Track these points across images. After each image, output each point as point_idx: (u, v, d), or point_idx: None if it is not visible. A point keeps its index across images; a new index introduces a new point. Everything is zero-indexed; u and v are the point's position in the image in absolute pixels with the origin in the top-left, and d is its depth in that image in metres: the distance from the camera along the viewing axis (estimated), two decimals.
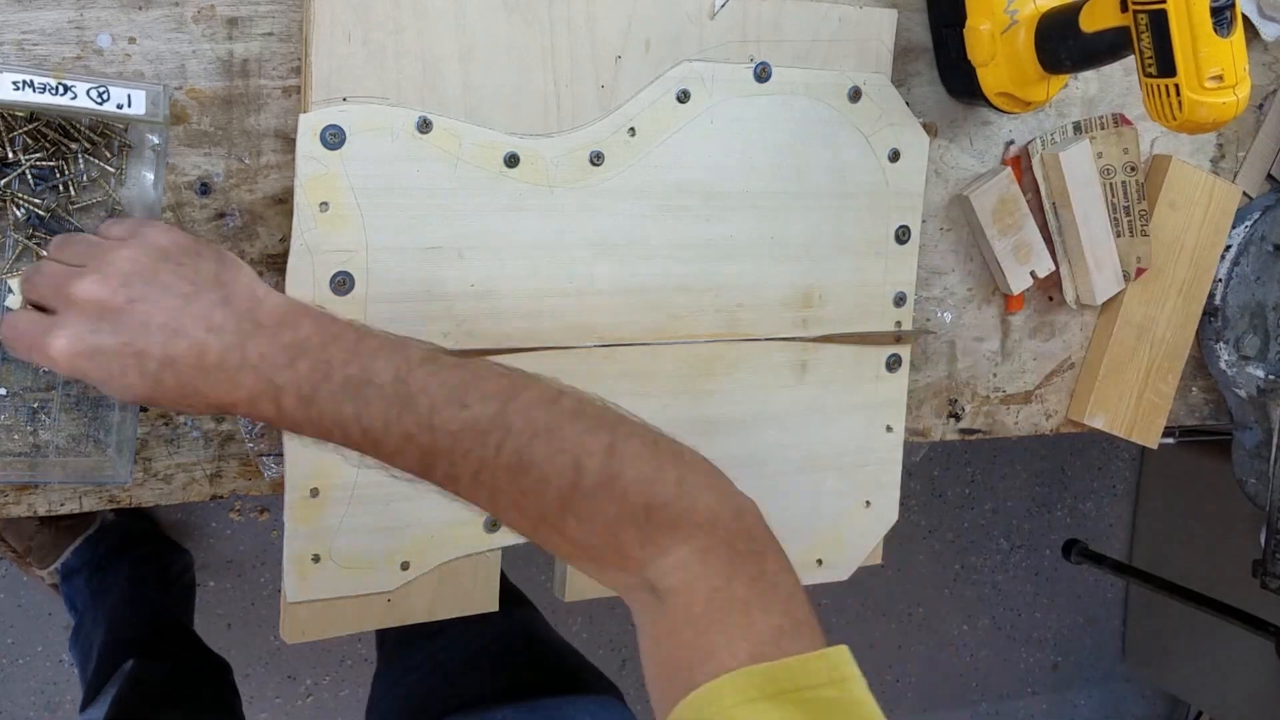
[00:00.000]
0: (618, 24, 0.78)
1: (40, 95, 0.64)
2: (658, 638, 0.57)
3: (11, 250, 0.69)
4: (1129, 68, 1.00)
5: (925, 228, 0.94)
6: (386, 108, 0.73)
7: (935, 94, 0.93)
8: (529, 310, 0.79)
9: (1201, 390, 1.13)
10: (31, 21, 0.67)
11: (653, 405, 0.84)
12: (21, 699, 1.58)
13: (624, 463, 0.57)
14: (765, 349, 0.88)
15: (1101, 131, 0.98)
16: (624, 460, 0.57)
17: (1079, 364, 1.05)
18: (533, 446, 0.56)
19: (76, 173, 0.70)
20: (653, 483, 0.57)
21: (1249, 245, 1.06)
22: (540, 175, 0.78)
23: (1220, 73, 0.71)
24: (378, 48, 0.72)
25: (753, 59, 0.83)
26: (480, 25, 0.74)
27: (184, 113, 0.71)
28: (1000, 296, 1.00)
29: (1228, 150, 1.07)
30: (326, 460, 0.76)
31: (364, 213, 0.74)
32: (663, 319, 0.84)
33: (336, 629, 0.79)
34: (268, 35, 0.72)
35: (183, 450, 0.76)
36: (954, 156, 0.95)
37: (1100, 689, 2.51)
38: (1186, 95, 0.72)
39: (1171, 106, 0.73)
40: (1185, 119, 0.73)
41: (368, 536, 0.78)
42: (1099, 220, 0.97)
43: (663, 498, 0.57)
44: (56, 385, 0.71)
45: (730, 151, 0.83)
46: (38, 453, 0.71)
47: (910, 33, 0.91)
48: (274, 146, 0.74)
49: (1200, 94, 0.71)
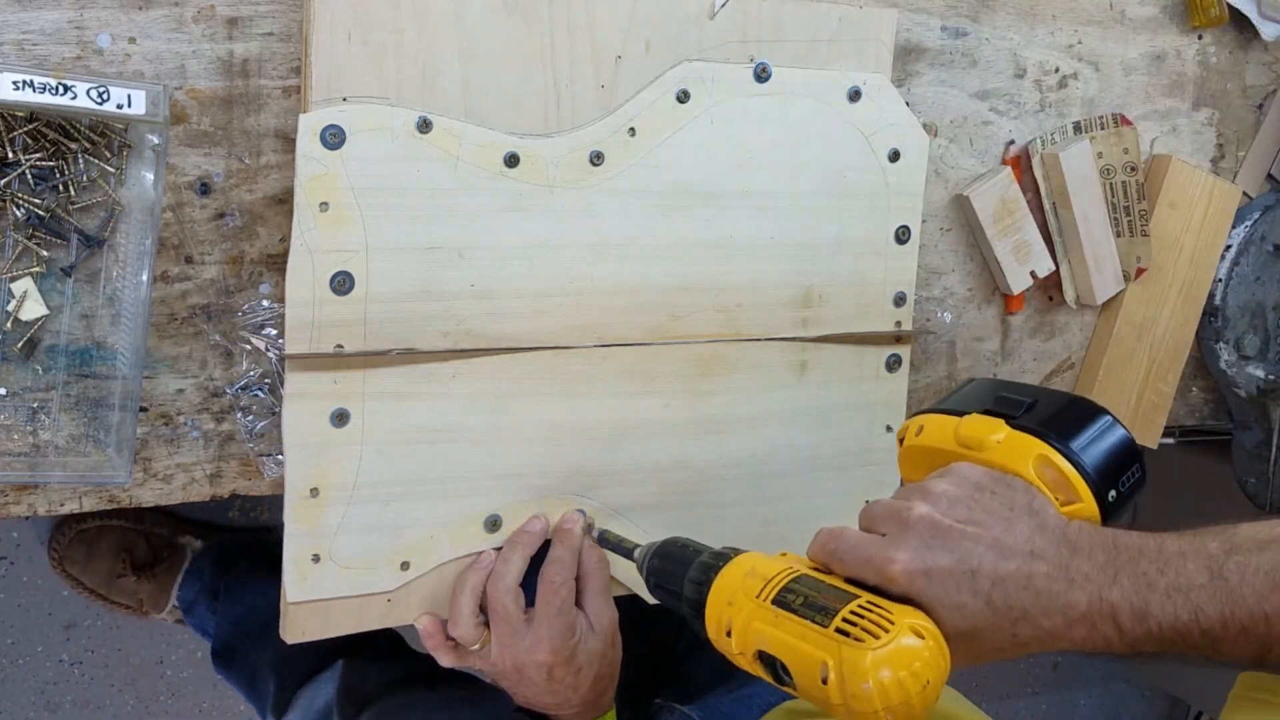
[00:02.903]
0: (618, 24, 0.78)
1: (40, 95, 0.64)
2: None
3: (11, 250, 0.69)
4: (1129, 67, 1.00)
5: (925, 228, 0.94)
6: (386, 108, 0.73)
7: (935, 94, 0.93)
8: (529, 310, 0.79)
9: (1201, 390, 1.13)
10: (31, 21, 0.67)
11: (653, 405, 0.84)
12: (21, 699, 1.58)
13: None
14: (765, 349, 0.88)
15: (1101, 131, 0.98)
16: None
17: (1079, 364, 1.05)
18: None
19: (76, 173, 0.70)
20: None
21: (1249, 245, 1.06)
22: (540, 175, 0.78)
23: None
24: (378, 48, 0.72)
25: (753, 59, 0.83)
26: (480, 25, 0.74)
27: (184, 113, 0.71)
28: (1000, 296, 1.00)
29: (1228, 150, 1.07)
30: (326, 460, 0.76)
31: (364, 213, 0.73)
32: (663, 319, 0.84)
33: (336, 629, 0.79)
34: (268, 35, 0.72)
35: (183, 450, 0.76)
36: (954, 156, 0.95)
37: (1100, 689, 2.51)
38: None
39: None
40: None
41: (368, 536, 0.78)
42: (1099, 220, 0.97)
43: None
44: (56, 385, 0.71)
45: (730, 151, 0.83)
46: (38, 453, 0.71)
47: (910, 33, 0.91)
48: (274, 146, 0.74)
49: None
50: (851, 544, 0.63)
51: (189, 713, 1.66)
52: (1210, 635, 0.58)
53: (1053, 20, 0.96)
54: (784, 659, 0.61)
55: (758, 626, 0.62)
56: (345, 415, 0.76)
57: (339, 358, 0.75)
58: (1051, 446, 0.64)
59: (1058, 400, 0.68)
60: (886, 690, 0.56)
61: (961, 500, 0.62)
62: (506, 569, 0.79)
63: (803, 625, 0.60)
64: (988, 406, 0.68)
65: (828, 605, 0.60)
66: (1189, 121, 1.04)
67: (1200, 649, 0.59)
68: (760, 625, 0.62)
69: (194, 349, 0.75)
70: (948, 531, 0.61)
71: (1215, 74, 1.04)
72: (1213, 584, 0.57)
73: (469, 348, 0.78)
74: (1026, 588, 0.59)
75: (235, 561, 1.49)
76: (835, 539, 0.64)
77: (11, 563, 1.54)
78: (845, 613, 0.59)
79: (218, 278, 0.74)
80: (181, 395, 0.75)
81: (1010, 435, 0.66)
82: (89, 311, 0.72)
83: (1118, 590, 0.58)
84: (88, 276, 0.71)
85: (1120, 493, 0.65)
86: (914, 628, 0.58)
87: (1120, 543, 0.60)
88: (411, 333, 0.76)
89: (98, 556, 1.50)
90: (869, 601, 0.59)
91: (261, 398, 0.77)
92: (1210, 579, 0.58)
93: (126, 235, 0.71)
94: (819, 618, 0.60)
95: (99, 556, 1.50)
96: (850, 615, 0.59)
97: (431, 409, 0.78)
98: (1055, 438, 0.65)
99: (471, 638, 0.79)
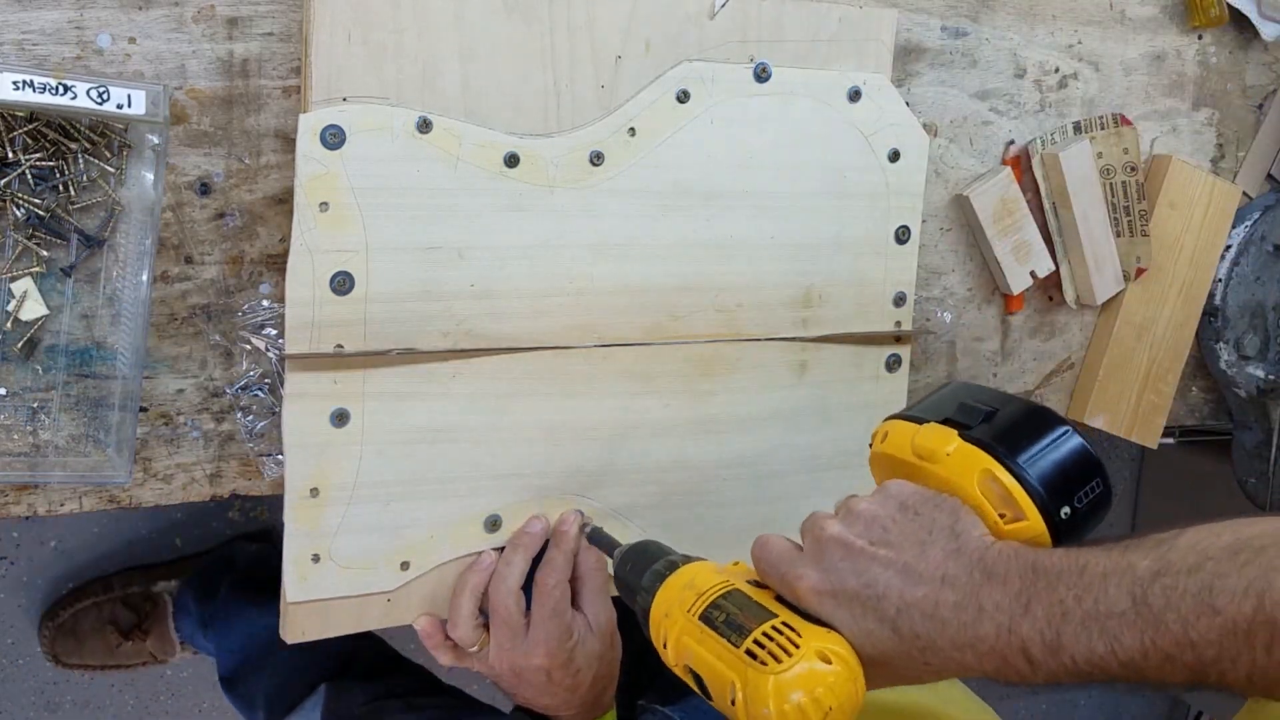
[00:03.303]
0: (618, 24, 0.78)
1: (40, 95, 0.64)
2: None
3: (11, 250, 0.69)
4: (1129, 67, 1.00)
5: (925, 228, 0.94)
6: (386, 108, 0.73)
7: (935, 94, 0.93)
8: (529, 310, 0.79)
9: (1201, 390, 1.13)
10: (31, 21, 0.67)
11: (653, 405, 0.84)
12: (21, 699, 1.58)
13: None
14: (765, 349, 0.88)
15: (1101, 131, 0.98)
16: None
17: (1079, 364, 1.05)
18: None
19: (76, 173, 0.70)
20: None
21: (1249, 245, 1.06)
22: (540, 175, 0.78)
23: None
24: (378, 48, 0.72)
25: (753, 59, 0.83)
26: (480, 25, 0.74)
27: (184, 113, 0.71)
28: (1000, 296, 1.00)
29: (1228, 150, 1.07)
30: (326, 460, 0.76)
31: (364, 213, 0.73)
32: (663, 319, 0.84)
33: (336, 629, 0.79)
34: (268, 35, 0.72)
35: (183, 450, 0.76)
36: (954, 156, 0.95)
37: (1100, 689, 2.51)
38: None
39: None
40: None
41: (368, 536, 0.78)
42: (1099, 220, 0.97)
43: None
44: (56, 385, 0.71)
45: (730, 151, 0.83)
46: (38, 453, 0.71)
47: (910, 33, 0.91)
48: (274, 146, 0.74)
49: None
50: (773, 556, 0.63)
51: (189, 713, 1.66)
52: (1131, 666, 0.54)
53: (1053, 20, 0.96)
54: (704, 676, 0.61)
55: (685, 641, 0.63)
56: (345, 415, 0.76)
57: (339, 358, 0.75)
58: (998, 461, 0.61)
59: (1017, 410, 0.65)
60: (786, 715, 0.56)
61: (880, 521, 0.61)
62: (509, 571, 0.79)
63: (719, 644, 0.60)
64: (948, 415, 0.66)
65: (744, 625, 0.59)
66: (1189, 121, 1.04)
67: (1124, 679, 0.55)
68: (688, 640, 0.62)
69: (194, 349, 0.75)
70: (858, 554, 0.59)
71: (1215, 74, 1.04)
72: (1135, 610, 0.53)
73: (469, 348, 0.78)
74: (932, 616, 0.57)
75: (213, 586, 1.49)
76: (761, 548, 0.64)
77: (11, 563, 1.54)
78: (757, 633, 0.58)
79: (218, 278, 0.74)
80: (181, 395, 0.75)
81: (960, 448, 0.63)
82: (89, 311, 0.72)
83: (1029, 621, 0.55)
84: (88, 276, 0.71)
85: (1076, 509, 0.61)
86: (821, 652, 0.57)
87: (1040, 566, 0.56)
88: (411, 333, 0.76)
89: (86, 638, 1.52)
90: (783, 623, 0.59)
91: (261, 398, 0.77)
92: (1132, 604, 0.53)
93: (126, 235, 0.71)
94: (734, 637, 0.59)
95: (87, 638, 1.52)
96: (760, 637, 0.58)
97: (431, 409, 0.78)
98: (1004, 451, 0.62)
99: (470, 639, 0.79)
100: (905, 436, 0.66)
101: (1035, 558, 0.57)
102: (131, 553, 1.59)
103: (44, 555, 1.54)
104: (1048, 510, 0.60)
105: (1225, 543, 0.53)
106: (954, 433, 0.64)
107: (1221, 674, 0.52)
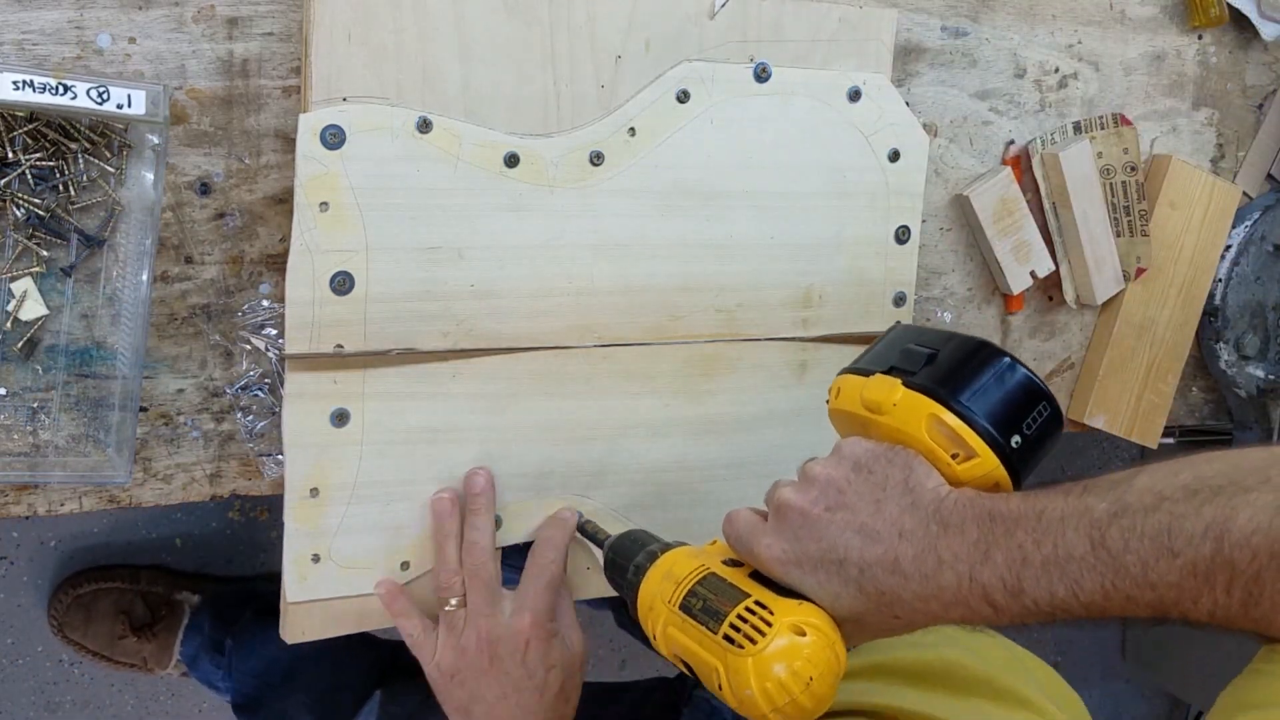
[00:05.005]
0: (618, 24, 0.78)
1: (40, 95, 0.64)
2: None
3: (11, 250, 0.69)
4: (1129, 67, 1.00)
5: (925, 228, 0.94)
6: (386, 108, 0.73)
7: (935, 94, 0.93)
8: (529, 310, 0.79)
9: (1201, 390, 1.13)
10: (31, 21, 0.67)
11: (653, 405, 0.84)
12: (21, 699, 1.58)
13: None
14: (765, 349, 0.88)
15: (1101, 131, 0.98)
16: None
17: (1079, 364, 1.05)
18: (1263, 578, 0.50)
19: (76, 173, 0.70)
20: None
21: (1249, 245, 1.06)
22: (540, 175, 0.78)
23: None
24: (378, 48, 0.72)
25: (753, 59, 0.83)
26: (480, 25, 0.74)
27: (184, 113, 0.71)
28: (1000, 296, 1.00)
29: (1228, 150, 1.07)
30: (326, 460, 0.76)
31: (364, 213, 0.74)
32: (663, 319, 0.84)
33: (336, 629, 0.79)
34: (268, 35, 0.72)
35: (183, 450, 0.76)
36: (954, 156, 0.95)
37: (1100, 689, 2.51)
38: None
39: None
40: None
41: (368, 536, 0.78)
42: (1099, 220, 0.97)
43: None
44: (56, 385, 0.71)
45: (730, 151, 0.83)
46: (38, 453, 0.71)
47: (910, 33, 0.91)
48: (274, 146, 0.74)
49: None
50: (739, 530, 0.64)
51: (189, 713, 1.67)
52: (1093, 606, 0.54)
53: (1053, 20, 0.96)
54: (691, 664, 0.62)
55: (671, 632, 0.64)
56: (345, 415, 0.76)
57: (339, 358, 0.75)
58: (941, 404, 0.61)
59: (956, 349, 0.65)
60: (770, 694, 0.57)
61: (835, 483, 0.61)
62: (479, 534, 0.77)
63: (700, 631, 0.61)
64: (893, 363, 0.66)
65: (720, 609, 0.60)
66: (1189, 121, 1.04)
67: (1088, 617, 0.56)
68: (673, 630, 0.64)
69: (194, 349, 0.75)
70: (816, 520, 0.60)
71: (1215, 74, 1.04)
72: (1094, 553, 0.53)
73: (469, 348, 0.78)
74: (894, 572, 0.57)
75: (233, 613, 1.50)
76: (729, 523, 0.65)
77: (11, 563, 1.54)
78: (731, 617, 0.59)
79: (218, 278, 0.74)
80: (181, 395, 0.75)
81: (905, 396, 0.63)
82: (89, 311, 0.72)
83: (989, 569, 0.55)
84: (88, 276, 0.71)
85: (1026, 435, 0.61)
86: (795, 625, 0.58)
87: (997, 513, 0.57)
88: (411, 333, 0.76)
89: (96, 620, 1.52)
90: (755, 602, 0.60)
91: (261, 398, 0.77)
92: (1091, 548, 0.53)
93: (126, 235, 0.71)
94: (711, 623, 0.61)
95: (98, 620, 1.52)
96: (735, 620, 0.59)
97: (431, 409, 0.78)
98: (946, 393, 0.62)
99: (458, 588, 0.76)
100: (855, 390, 0.67)
101: (992, 505, 0.57)
102: (130, 552, 1.59)
103: (44, 555, 1.54)
104: (997, 443, 0.61)
105: (1183, 482, 0.53)
106: (898, 382, 0.64)
107: (1183, 612, 0.53)
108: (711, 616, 0.61)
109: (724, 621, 0.59)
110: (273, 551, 1.71)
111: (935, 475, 0.61)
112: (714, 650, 0.60)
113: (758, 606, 0.59)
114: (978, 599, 0.56)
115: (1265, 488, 0.50)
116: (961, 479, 0.61)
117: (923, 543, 0.57)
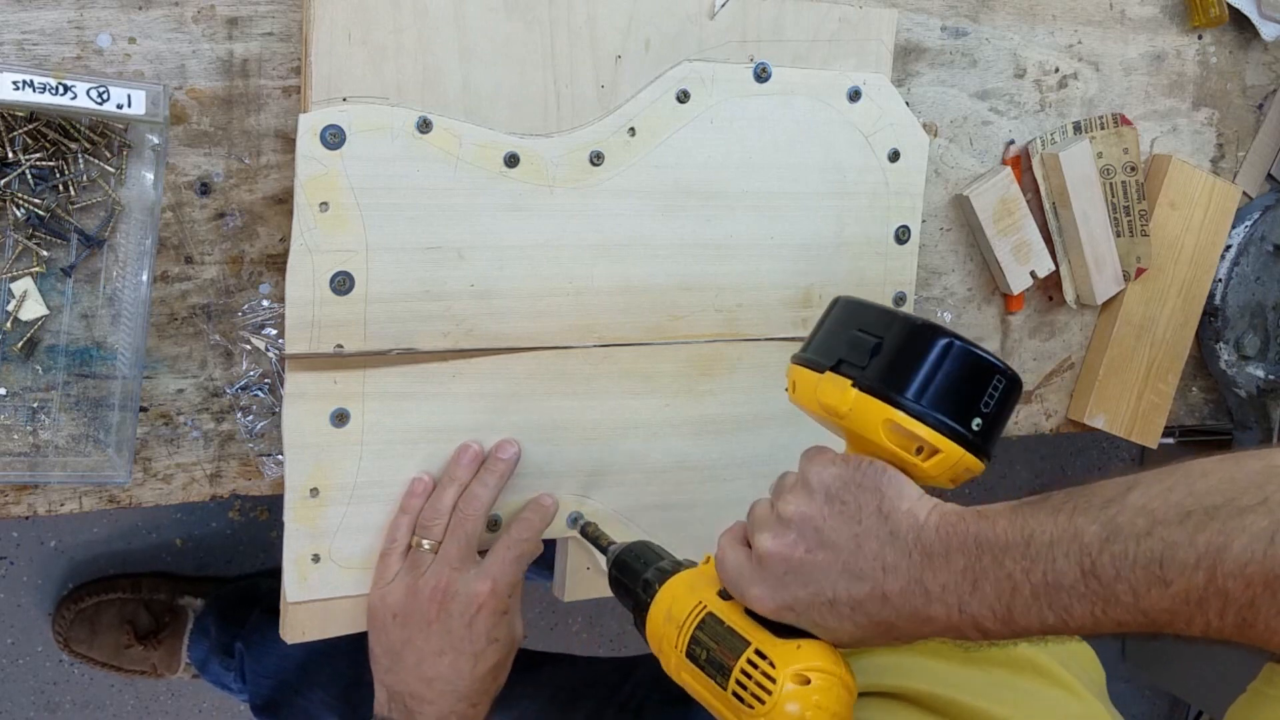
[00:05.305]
0: (618, 24, 0.78)
1: (40, 95, 0.64)
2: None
3: (11, 250, 0.69)
4: (1129, 67, 1.00)
5: (925, 228, 0.94)
6: (386, 108, 0.73)
7: (935, 94, 0.93)
8: (529, 310, 0.79)
9: (1201, 390, 1.13)
10: (31, 21, 0.67)
11: (653, 405, 0.84)
12: (21, 699, 1.58)
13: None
14: (765, 349, 0.88)
15: (1101, 131, 0.98)
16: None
17: (1079, 364, 1.05)
18: (1257, 605, 0.49)
19: (76, 173, 0.70)
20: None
21: (1249, 245, 1.06)
22: (540, 175, 0.78)
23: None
24: (378, 48, 0.72)
25: (753, 59, 0.83)
26: (480, 25, 0.74)
27: (184, 113, 0.71)
28: (1000, 296, 1.00)
29: (1228, 150, 1.07)
30: (326, 460, 0.76)
31: (364, 213, 0.74)
32: (663, 319, 0.84)
33: (336, 629, 0.79)
34: (268, 35, 0.72)
35: (183, 450, 0.76)
36: (954, 156, 0.95)
37: None
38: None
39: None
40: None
41: (368, 536, 0.78)
42: (1099, 220, 0.97)
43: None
44: (56, 385, 0.71)
45: (730, 151, 0.83)
46: (38, 453, 0.71)
47: (910, 32, 0.91)
48: (274, 146, 0.74)
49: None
50: (730, 575, 0.64)
51: (189, 713, 1.66)
52: (1084, 630, 0.54)
53: (1053, 20, 0.96)
54: (710, 712, 0.64)
55: (684, 677, 0.65)
56: (345, 415, 0.76)
57: (339, 358, 0.75)
58: (894, 405, 0.60)
59: (899, 336, 0.62)
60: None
61: (811, 521, 0.60)
62: (483, 491, 0.77)
63: (709, 684, 0.62)
64: (840, 355, 0.65)
65: (724, 662, 0.61)
66: (1189, 121, 1.04)
67: (1080, 635, 0.56)
68: (686, 676, 0.65)
69: (194, 349, 0.75)
70: (799, 565, 0.60)
71: (1215, 74, 1.04)
72: (1084, 582, 0.52)
73: (469, 348, 0.78)
74: (885, 605, 0.57)
75: (239, 614, 1.49)
76: (719, 565, 0.65)
77: (11, 563, 1.54)
78: (736, 673, 0.60)
79: (218, 278, 0.74)
80: (181, 395, 0.75)
81: (857, 399, 0.62)
82: (89, 311, 0.72)
83: (978, 599, 0.55)
84: (88, 276, 0.71)
85: (985, 414, 0.61)
86: (798, 674, 0.59)
87: (984, 539, 0.56)
88: (411, 333, 0.76)
89: (101, 631, 1.52)
90: (756, 653, 0.60)
91: (261, 398, 0.77)
92: (1082, 576, 0.52)
93: (126, 235, 0.71)
94: (719, 678, 0.61)
95: (102, 631, 1.52)
96: (740, 676, 0.60)
97: (431, 409, 0.78)
98: (896, 392, 0.60)
99: (438, 532, 0.76)
100: (810, 389, 0.66)
101: (977, 529, 0.56)
102: (130, 552, 1.59)
103: (44, 555, 1.54)
104: (957, 432, 0.60)
105: (1176, 501, 0.52)
106: (848, 384, 0.63)
107: (1177, 631, 0.52)
108: (718, 670, 0.61)
109: (730, 677, 0.60)
110: (273, 551, 1.71)
111: (907, 492, 0.60)
112: (728, 705, 0.61)
113: (759, 658, 0.60)
114: (968, 626, 0.56)
115: (1261, 509, 0.49)
116: (930, 473, 0.61)
117: (907, 575, 0.57)
